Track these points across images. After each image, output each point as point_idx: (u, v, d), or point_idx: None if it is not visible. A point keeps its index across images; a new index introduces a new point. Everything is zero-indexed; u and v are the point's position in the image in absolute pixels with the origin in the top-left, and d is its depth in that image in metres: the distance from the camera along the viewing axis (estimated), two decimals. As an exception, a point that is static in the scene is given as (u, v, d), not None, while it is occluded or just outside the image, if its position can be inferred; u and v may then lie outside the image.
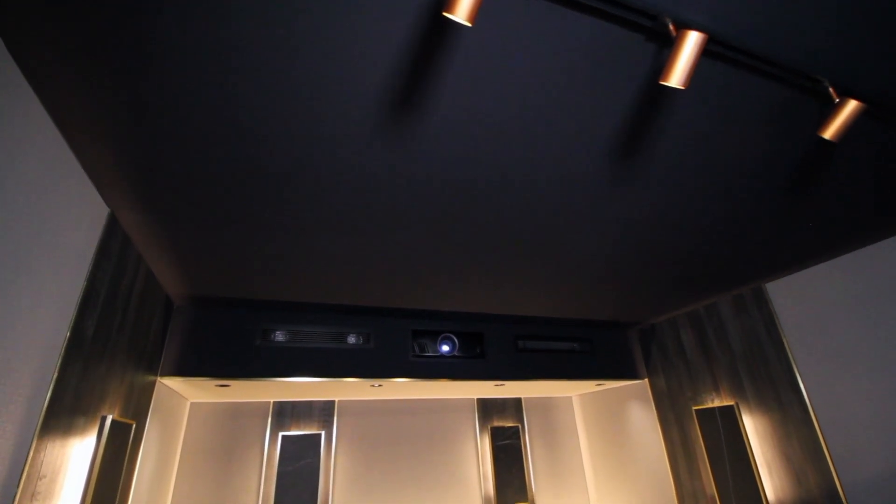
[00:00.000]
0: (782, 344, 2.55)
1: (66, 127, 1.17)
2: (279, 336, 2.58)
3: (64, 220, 1.25)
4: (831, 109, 1.12)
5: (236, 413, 3.21)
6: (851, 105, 1.09)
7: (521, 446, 3.84)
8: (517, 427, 3.91)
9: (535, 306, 2.89)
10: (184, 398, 2.97)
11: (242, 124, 1.19)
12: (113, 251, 1.57)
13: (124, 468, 1.83)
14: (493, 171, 1.46)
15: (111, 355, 1.64)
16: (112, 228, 1.54)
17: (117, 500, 1.80)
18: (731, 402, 2.78)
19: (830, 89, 1.12)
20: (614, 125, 1.29)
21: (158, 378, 2.30)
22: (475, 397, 3.90)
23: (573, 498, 3.89)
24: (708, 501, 2.87)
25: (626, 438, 3.61)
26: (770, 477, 2.54)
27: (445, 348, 2.95)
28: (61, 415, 1.32)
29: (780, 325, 2.58)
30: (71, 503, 1.43)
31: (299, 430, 3.28)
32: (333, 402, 3.45)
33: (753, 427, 2.66)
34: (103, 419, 1.59)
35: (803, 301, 2.50)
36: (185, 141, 1.24)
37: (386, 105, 1.16)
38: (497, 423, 3.87)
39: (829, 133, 1.11)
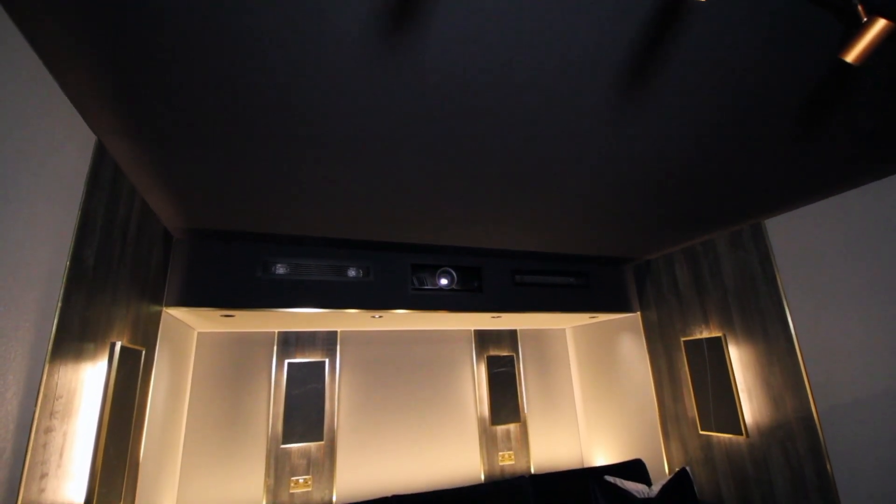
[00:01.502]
0: (775, 279, 2.60)
1: (46, 52, 1.10)
2: (280, 269, 2.61)
3: (50, 148, 1.21)
4: (857, 30, 1.04)
5: (242, 342, 3.33)
6: (880, 24, 1.01)
7: (515, 373, 4.04)
8: (512, 356, 4.08)
9: (533, 242, 2.90)
10: (191, 328, 3.06)
11: (233, 47, 1.12)
12: (104, 180, 1.54)
13: (138, 391, 1.93)
14: (493, 102, 1.40)
15: (114, 285, 1.67)
16: (101, 156, 1.50)
17: (134, 419, 1.91)
18: (719, 334, 2.88)
19: (859, 7, 1.04)
20: (622, 52, 1.22)
21: (164, 308, 2.35)
22: (472, 329, 4.04)
23: (562, 419, 4.15)
24: (689, 423, 3.07)
25: (616, 367, 3.78)
26: (749, 401, 2.70)
27: (444, 282, 3.00)
28: (70, 340, 1.36)
29: (774, 261, 2.61)
30: (89, 422, 1.52)
31: (304, 357, 3.43)
32: (336, 332, 3.57)
33: (738, 357, 2.78)
34: (113, 345, 1.65)
35: (800, 237, 2.51)
36: (171, 63, 1.16)
37: (385, 27, 1.08)
38: (493, 353, 4.04)
39: (851, 56, 1.04)
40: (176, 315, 2.53)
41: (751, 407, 2.69)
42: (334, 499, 3.20)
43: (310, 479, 3.19)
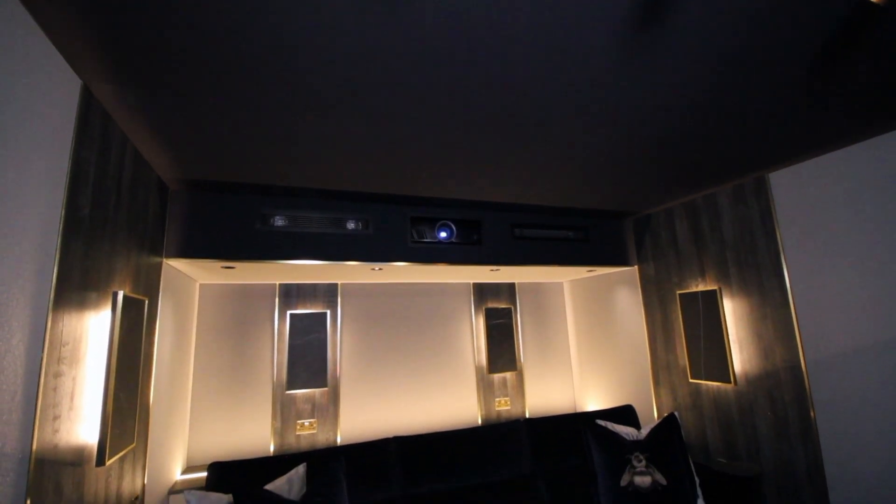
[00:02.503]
0: (774, 233, 2.59)
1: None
2: (278, 221, 2.60)
3: (33, 92, 1.17)
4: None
5: (244, 294, 3.38)
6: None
7: (512, 325, 4.13)
8: (510, 308, 4.16)
9: (533, 195, 2.87)
10: (193, 280, 3.10)
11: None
12: (94, 128, 1.50)
13: (143, 339, 1.98)
14: (495, 46, 1.33)
15: (112, 235, 1.67)
16: (88, 102, 1.45)
17: (141, 366, 1.97)
18: (715, 287, 2.92)
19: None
20: (634, -16, 1.14)
21: (164, 260, 2.36)
22: (471, 282, 4.08)
23: (557, 368, 4.29)
24: (679, 372, 3.17)
25: (611, 319, 3.86)
26: (739, 352, 2.77)
27: (443, 235, 3.00)
28: (72, 289, 1.37)
29: (775, 215, 2.60)
30: (97, 367, 1.56)
31: (306, 309, 3.49)
32: (336, 284, 3.61)
33: (732, 309, 2.83)
34: (115, 294, 1.67)
35: (802, 191, 2.48)
36: (156, 3, 1.10)
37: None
38: (491, 305, 4.11)
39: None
40: (177, 266, 2.55)
41: (741, 357, 2.76)
42: (339, 440, 3.36)
43: (315, 422, 3.34)
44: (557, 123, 1.89)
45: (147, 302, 2.02)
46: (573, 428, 2.82)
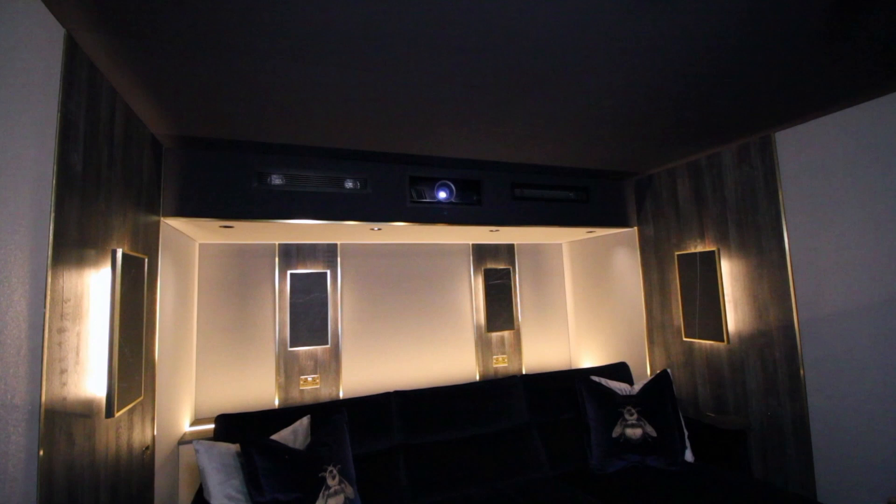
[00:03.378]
0: (776, 194, 2.57)
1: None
2: (275, 179, 2.57)
3: (14, 42, 1.12)
4: None
5: (244, 254, 3.39)
6: None
7: (511, 285, 4.17)
8: (509, 269, 4.19)
9: (533, 154, 2.82)
10: (192, 239, 3.09)
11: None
12: (80, 79, 1.45)
13: (145, 297, 2.00)
14: (496, -13, 1.26)
15: (107, 192, 1.65)
16: (73, 53, 1.39)
17: (145, 322, 2.00)
18: (713, 248, 2.92)
19: None
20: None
21: (162, 218, 2.35)
22: (470, 243, 4.09)
23: (554, 328, 4.38)
24: (673, 331, 3.24)
25: (608, 280, 3.89)
26: (734, 312, 2.81)
27: (443, 195, 2.97)
28: (70, 246, 1.37)
29: (779, 176, 2.57)
30: (101, 324, 1.58)
31: (305, 269, 3.51)
32: (336, 244, 3.61)
33: (729, 270, 2.85)
34: (114, 252, 1.67)
35: (808, 151, 2.44)
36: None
37: None
38: (490, 266, 4.13)
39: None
40: (175, 226, 2.54)
41: (735, 317, 2.81)
42: (341, 394, 3.47)
43: (317, 378, 3.43)
44: (562, 77, 1.82)
45: (147, 261, 2.02)
46: (568, 384, 2.91)
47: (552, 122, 2.31)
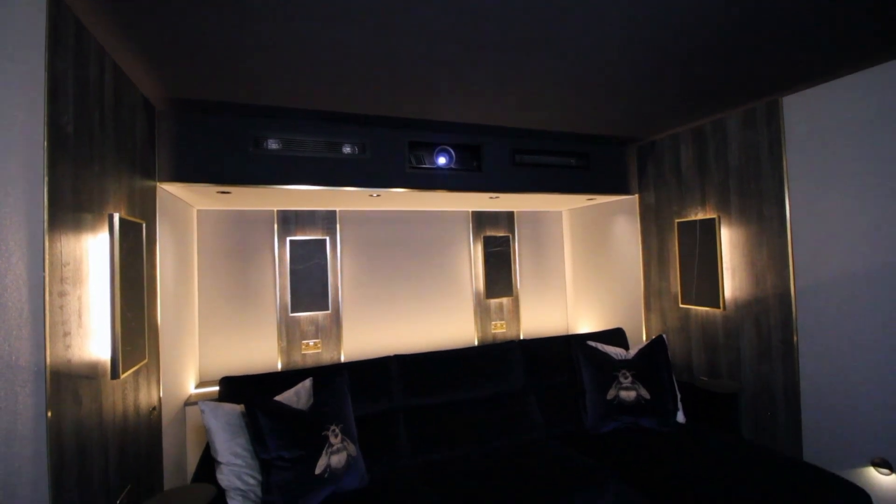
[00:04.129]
0: (781, 160, 2.54)
1: None
2: (272, 144, 2.53)
3: (-7, -8, 1.07)
4: None
5: (243, 220, 3.37)
6: None
7: (510, 252, 4.18)
8: (508, 236, 4.18)
9: (535, 118, 2.77)
10: (190, 205, 3.07)
11: None
12: (66, 37, 1.39)
13: (145, 261, 2.00)
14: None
15: (100, 156, 1.62)
16: (58, 8, 1.34)
17: (146, 287, 2.01)
18: (714, 216, 2.91)
19: None
20: None
21: (158, 184, 2.32)
22: (470, 210, 4.07)
23: (552, 294, 4.42)
24: (670, 297, 3.27)
25: (607, 247, 3.90)
26: (732, 279, 2.83)
27: (442, 161, 2.93)
28: (65, 210, 1.36)
29: (784, 142, 2.52)
30: (101, 288, 1.59)
31: (305, 235, 3.50)
32: (335, 211, 3.59)
33: (728, 237, 2.85)
34: (111, 217, 1.66)
35: (815, 117, 2.39)
36: None
37: None
38: (490, 233, 4.13)
39: None
40: (171, 191, 2.52)
41: (732, 284, 2.83)
42: (342, 358, 3.54)
43: (319, 343, 3.49)
44: (564, 37, 1.76)
45: (145, 226, 2.01)
46: (565, 348, 2.96)
47: (554, 85, 2.25)
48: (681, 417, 2.64)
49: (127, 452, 1.82)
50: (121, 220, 1.70)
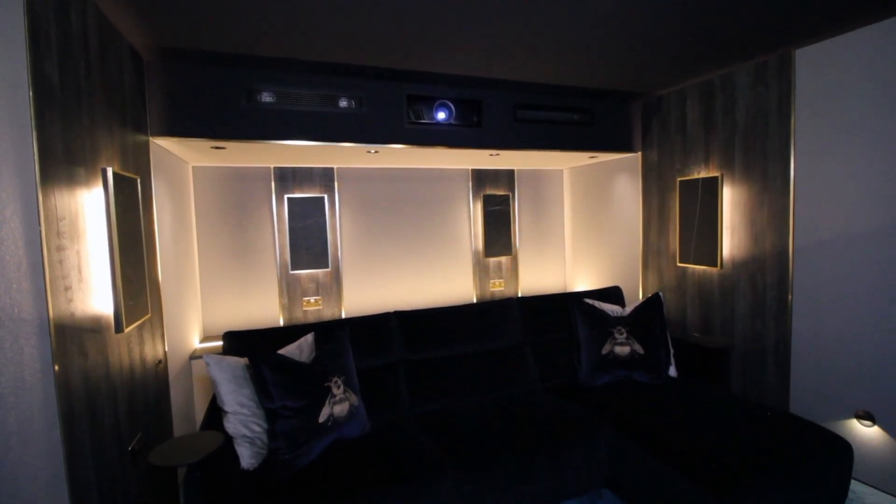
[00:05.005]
0: (789, 118, 2.48)
1: None
2: (266, 97, 2.45)
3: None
4: None
5: (239, 177, 3.33)
6: None
7: (510, 211, 4.16)
8: (508, 195, 4.15)
9: (537, 71, 2.67)
10: (184, 161, 3.02)
11: None
12: (44, -21, 1.32)
13: (142, 217, 1.99)
14: None
15: (89, 108, 1.57)
16: (30, -54, 1.26)
17: (144, 243, 2.01)
18: (717, 174, 2.87)
19: None
20: None
21: (150, 138, 2.27)
22: (470, 168, 4.01)
23: (551, 253, 4.43)
24: (668, 256, 3.28)
25: (608, 206, 3.88)
26: (731, 237, 2.83)
27: (442, 116, 2.85)
28: (57, 165, 1.33)
29: (794, 98, 2.45)
30: (99, 243, 1.59)
31: (303, 193, 3.47)
32: (332, 168, 3.54)
33: (730, 196, 2.82)
34: (104, 171, 1.63)
35: (827, 71, 2.31)
36: None
37: None
38: (489, 192, 4.09)
39: None
40: (165, 146, 2.47)
41: (731, 242, 2.83)
42: (343, 315, 3.60)
43: (320, 300, 3.54)
44: (570, -19, 1.67)
45: (139, 180, 1.99)
46: (562, 306, 3.00)
47: (557, 35, 2.15)
48: (673, 372, 2.72)
49: (136, 403, 1.88)
50: (115, 174, 1.68)
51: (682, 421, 2.18)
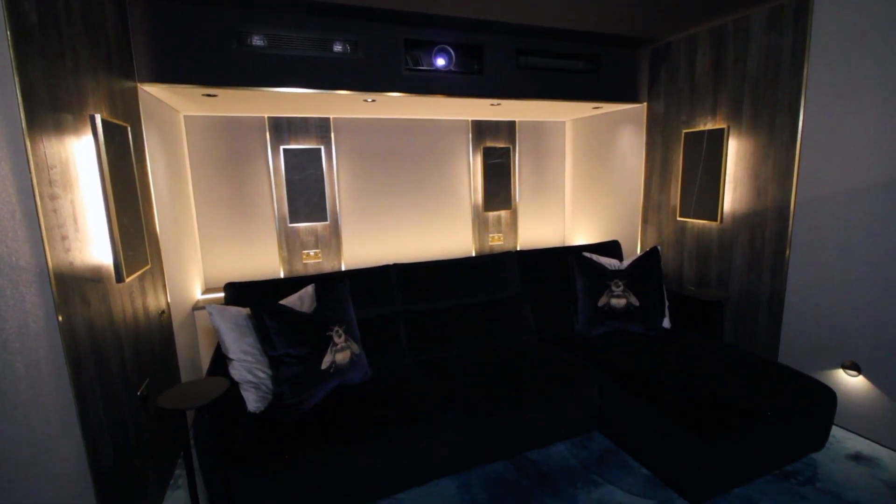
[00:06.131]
0: (802, 67, 2.38)
1: None
2: (256, 40, 2.34)
3: None
4: None
5: (233, 127, 3.24)
6: None
7: (510, 165, 4.09)
8: (508, 148, 4.06)
9: (541, 13, 2.53)
10: (175, 110, 2.93)
11: None
12: None
13: (135, 166, 1.95)
14: None
15: (72, 51, 1.50)
16: None
17: (139, 194, 1.98)
18: (724, 126, 2.80)
19: None
20: None
21: (139, 84, 2.19)
22: (470, 119, 3.90)
23: (550, 208, 4.41)
24: (669, 210, 3.26)
25: (610, 159, 3.81)
26: (733, 191, 2.80)
27: (441, 62, 2.74)
28: (43, 110, 1.29)
29: (808, 46, 2.35)
30: (93, 192, 1.57)
31: (298, 144, 3.39)
32: (328, 118, 3.45)
33: (735, 149, 2.77)
34: (92, 118, 1.58)
35: (846, 15, 2.20)
36: None
37: None
38: (490, 144, 4.00)
39: None
40: (154, 93, 2.38)
41: (733, 196, 2.80)
42: (343, 267, 3.62)
43: (319, 253, 3.55)
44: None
45: (130, 129, 1.93)
46: (560, 259, 3.01)
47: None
48: (667, 323, 2.78)
49: (142, 351, 1.93)
50: (104, 121, 1.63)
51: (672, 369, 2.25)
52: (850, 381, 2.33)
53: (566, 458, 2.22)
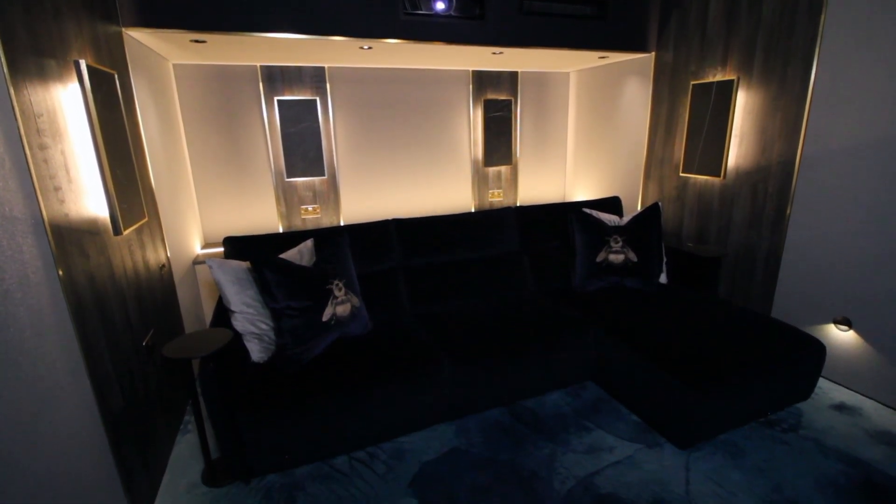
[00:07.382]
0: (819, 15, 2.27)
1: None
2: (245, -19, 2.21)
3: None
4: None
5: (224, 77, 3.13)
6: None
7: (511, 118, 3.98)
8: (510, 100, 3.94)
9: (549, -49, 2.38)
10: (164, 58, 2.81)
11: None
12: None
13: (125, 116, 1.89)
14: None
15: (49, -11, 1.42)
16: None
17: (131, 144, 1.94)
18: (733, 77, 2.70)
19: None
20: None
21: (123, 30, 2.09)
22: (470, 69, 3.76)
23: (552, 163, 4.34)
24: (671, 166, 3.21)
25: (614, 112, 3.71)
26: (738, 146, 2.75)
27: (441, 6, 2.60)
28: (25, 55, 1.23)
29: (829, -11, 2.22)
30: (83, 142, 1.53)
31: (293, 95, 3.29)
32: (323, 68, 3.32)
33: (744, 102, 2.69)
34: (77, 63, 1.52)
35: (876, -48, 2.06)
36: None
37: None
38: (491, 96, 3.88)
39: None
40: (140, 39, 2.28)
41: (738, 152, 2.75)
42: (342, 222, 3.61)
43: (318, 208, 3.53)
44: None
45: (117, 76, 1.86)
46: (560, 215, 3.00)
47: None
48: (663, 279, 2.80)
49: (145, 303, 1.95)
50: (90, 68, 1.56)
51: (666, 322, 2.29)
52: (840, 336, 2.38)
53: (560, 406, 2.31)
